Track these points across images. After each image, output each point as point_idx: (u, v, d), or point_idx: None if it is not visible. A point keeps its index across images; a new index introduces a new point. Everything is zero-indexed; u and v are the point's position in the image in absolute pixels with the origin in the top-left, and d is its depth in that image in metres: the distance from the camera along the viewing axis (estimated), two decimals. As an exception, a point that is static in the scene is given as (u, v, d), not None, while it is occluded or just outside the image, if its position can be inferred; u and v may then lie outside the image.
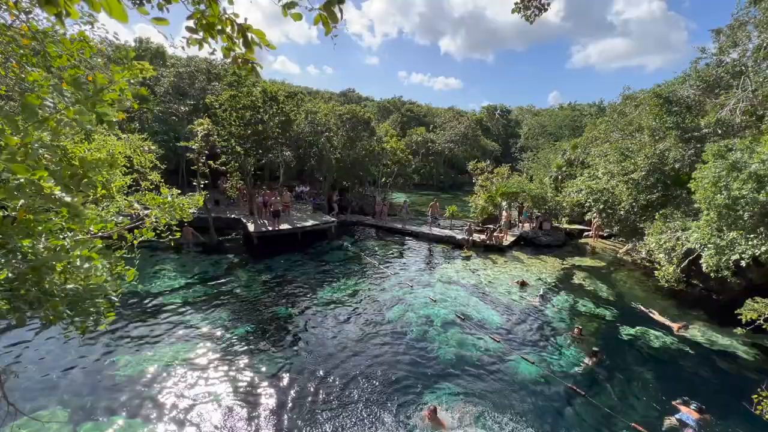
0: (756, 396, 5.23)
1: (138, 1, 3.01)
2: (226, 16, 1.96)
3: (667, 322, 10.82)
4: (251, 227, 17.65)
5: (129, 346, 9.06)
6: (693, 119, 14.31)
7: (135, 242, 2.96)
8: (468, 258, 17.64)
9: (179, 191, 3.47)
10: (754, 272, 11.58)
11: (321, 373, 8.39)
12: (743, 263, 9.28)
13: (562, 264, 17.30)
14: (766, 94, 12.72)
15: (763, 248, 8.81)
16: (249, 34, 2.03)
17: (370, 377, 8.30)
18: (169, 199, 3.17)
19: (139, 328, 9.90)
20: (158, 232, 3.37)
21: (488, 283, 14.37)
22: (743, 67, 14.11)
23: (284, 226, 18.24)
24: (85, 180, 2.38)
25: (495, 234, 19.69)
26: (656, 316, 11.02)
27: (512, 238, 20.33)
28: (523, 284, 13.69)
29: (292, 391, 7.75)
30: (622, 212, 15.90)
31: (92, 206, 3.04)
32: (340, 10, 1.85)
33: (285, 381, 8.08)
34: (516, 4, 4.23)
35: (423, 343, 9.89)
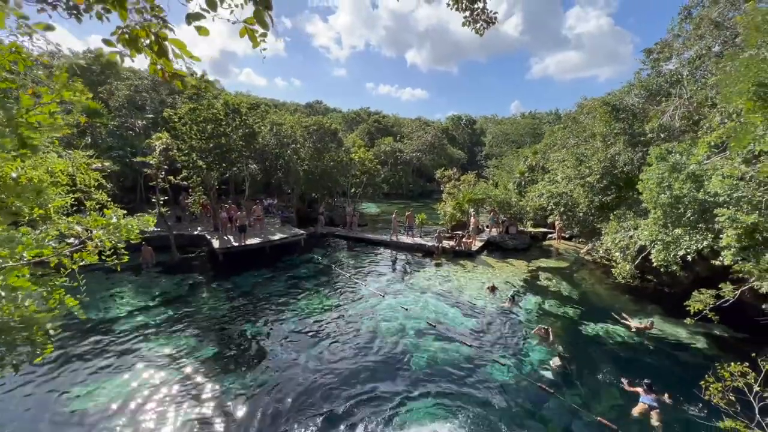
0: (704, 382, 5.56)
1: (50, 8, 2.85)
2: (143, 25, 1.87)
3: (636, 324, 11.33)
4: (216, 243, 17.04)
5: (82, 377, 8.40)
6: (639, 125, 15.35)
7: (75, 267, 2.75)
8: (439, 265, 17.84)
9: (125, 211, 3.27)
10: (699, 265, 12.42)
11: (293, 391, 8.13)
12: (689, 258, 9.95)
13: (529, 266, 17.86)
14: (699, 101, 13.88)
15: (705, 243, 9.49)
16: (169, 46, 1.92)
17: (344, 392, 8.13)
18: (114, 220, 2.98)
19: (94, 357, 9.21)
20: (105, 256, 3.17)
21: (459, 289, 14.57)
22: (679, 76, 15.36)
23: (251, 241, 17.74)
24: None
25: (464, 240, 20.07)
26: (629, 322, 11.53)
27: (480, 244, 20.80)
28: (493, 289, 14.00)
29: (263, 412, 7.44)
30: (580, 214, 16.72)
31: (25, 229, 2.81)
32: (270, 17, 1.81)
33: (255, 402, 7.75)
34: (465, 17, 4.39)
35: (396, 353, 9.83)
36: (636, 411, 7.71)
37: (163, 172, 16.09)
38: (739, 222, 8.06)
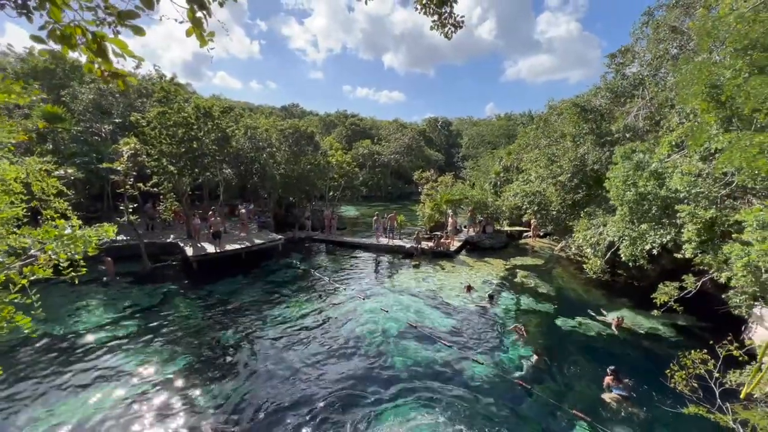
0: (669, 370, 5.82)
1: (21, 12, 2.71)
2: (75, 23, 1.77)
3: (609, 320, 11.70)
4: (189, 251, 16.52)
5: (41, 398, 7.93)
6: (606, 125, 15.96)
7: (25, 282, 2.59)
8: (418, 266, 17.94)
9: (80, 222, 3.11)
10: (664, 259, 13.00)
11: (272, 399, 7.96)
12: (654, 251, 10.41)
13: (506, 265, 18.22)
14: (660, 102, 14.57)
15: (669, 237, 9.95)
16: (109, 45, 1.82)
17: (325, 397, 8.03)
18: (68, 231, 2.83)
19: (56, 375, 8.73)
20: (62, 268, 3.00)
21: (438, 289, 14.69)
22: (642, 79, 16.09)
23: (227, 248, 17.30)
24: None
25: (442, 240, 20.27)
26: (605, 318, 11.90)
27: (459, 244, 21.06)
28: (469, 288, 14.18)
29: (241, 423, 7.25)
30: (554, 212, 17.21)
31: (-31, 243, 2.62)
32: (205, 16, 1.72)
33: (234, 413, 7.54)
34: (434, 21, 4.43)
35: (377, 355, 9.80)
36: (607, 400, 7.97)
37: (131, 179, 15.48)
38: (698, 217, 8.49)
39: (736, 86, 6.68)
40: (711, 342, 6.08)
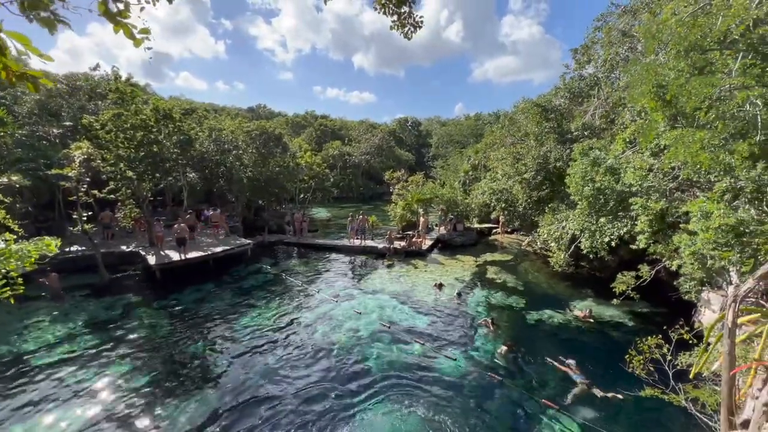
0: (628, 356, 6.14)
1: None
2: None
3: (578, 313, 12.16)
4: (152, 260, 15.75)
5: (-13, 426, 7.30)
6: (566, 124, 16.67)
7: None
8: (390, 266, 17.99)
9: (17, 235, 2.87)
10: (622, 250, 13.72)
11: (245, 410, 7.70)
12: (613, 243, 10.97)
13: (477, 261, 18.62)
14: (615, 102, 15.37)
15: (625, 229, 10.51)
16: (10, 41, 1.64)
17: (300, 402, 7.87)
18: (1, 245, 2.59)
19: (4, 399, 8.05)
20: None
21: (411, 288, 14.79)
22: (597, 80, 16.93)
23: (192, 255, 16.64)
24: None
25: (414, 240, 20.44)
26: (574, 312, 12.34)
27: (430, 242, 21.31)
28: (440, 286, 14.38)
29: (207, 438, 6.97)
30: (520, 209, 17.78)
31: None
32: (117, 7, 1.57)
33: (205, 425, 7.24)
34: (393, 21, 4.45)
35: (351, 357, 9.73)
36: (577, 386, 8.31)
37: (84, 185, 14.56)
38: (649, 209, 9.01)
39: (679, 86, 7.15)
40: (665, 327, 6.46)
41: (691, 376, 5.11)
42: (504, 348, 9.86)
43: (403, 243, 20.39)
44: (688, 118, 7.77)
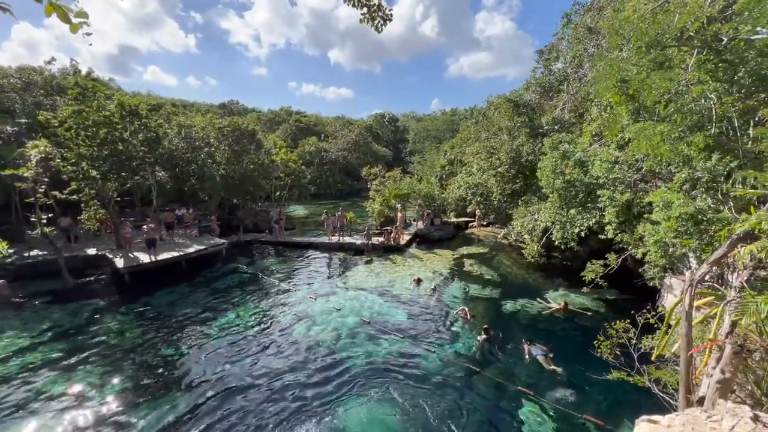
0: (596, 341, 6.38)
1: None
2: None
3: (555, 306, 12.49)
4: (120, 262, 15.10)
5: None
6: (537, 118, 17.08)
7: None
8: (369, 262, 17.99)
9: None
10: (592, 240, 14.25)
11: (223, 414, 7.53)
12: (582, 234, 11.36)
13: (454, 255, 18.88)
14: (583, 96, 15.86)
15: (594, 220, 10.90)
16: None
17: (279, 401, 7.77)
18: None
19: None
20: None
21: (390, 284, 14.84)
22: (566, 75, 17.40)
23: (163, 256, 16.07)
24: None
25: (392, 235, 20.51)
26: (551, 304, 12.66)
27: (408, 237, 21.44)
28: (418, 281, 14.51)
29: (181, 444, 6.77)
30: (495, 202, 18.13)
31: None
32: None
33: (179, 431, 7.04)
34: (363, 14, 4.39)
35: (331, 354, 9.67)
36: (543, 364, 8.78)
37: (43, 186, 13.77)
38: (616, 200, 9.37)
39: (641, 81, 7.45)
40: (632, 312, 6.74)
41: (653, 358, 5.37)
42: (482, 336, 10.03)
43: (381, 239, 20.42)
44: (649, 112, 8.10)
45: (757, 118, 6.81)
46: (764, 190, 4.78)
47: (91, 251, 17.16)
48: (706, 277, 4.81)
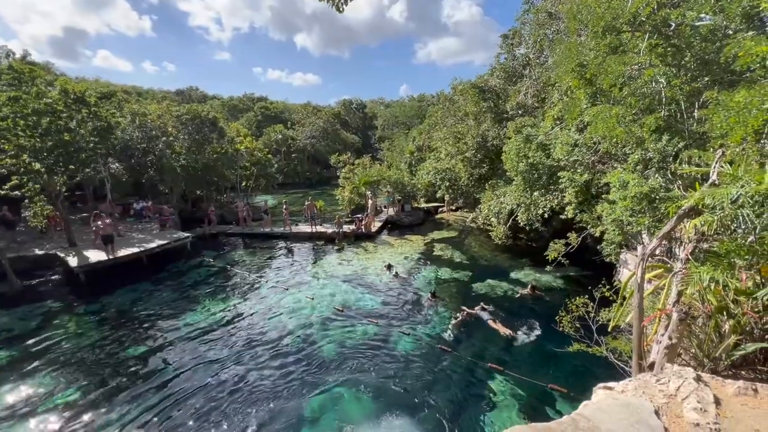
0: (558, 317, 6.70)
1: None
2: None
3: (525, 291, 12.86)
4: (73, 261, 14.16)
5: None
6: (502, 103, 17.39)
7: None
8: (340, 250, 17.90)
9: None
10: (554, 221, 14.85)
11: (194, 412, 7.31)
12: (545, 215, 11.80)
13: (425, 240, 19.14)
14: (545, 81, 16.26)
15: (556, 201, 11.33)
16: None
17: (254, 394, 7.65)
18: None
19: None
20: None
21: (362, 271, 14.86)
22: (528, 60, 17.75)
23: (122, 252, 15.21)
24: None
25: (363, 222, 20.45)
26: (522, 290, 13.02)
27: (379, 224, 21.47)
28: (389, 267, 14.62)
29: (150, 445, 6.55)
30: (463, 187, 18.44)
31: None
32: None
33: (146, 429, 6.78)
34: (322, -7, 4.21)
35: (306, 344, 9.61)
36: (498, 330, 9.53)
37: (-23, 182, 12.55)
38: (575, 181, 9.76)
39: (597, 65, 7.71)
40: (590, 287, 7.10)
41: (609, 329, 5.72)
42: (453, 321, 10.28)
43: (352, 226, 20.32)
44: (606, 95, 8.42)
45: (701, 101, 7.24)
46: (707, 168, 5.11)
47: (40, 251, 15.98)
48: (657, 252, 5.12)
